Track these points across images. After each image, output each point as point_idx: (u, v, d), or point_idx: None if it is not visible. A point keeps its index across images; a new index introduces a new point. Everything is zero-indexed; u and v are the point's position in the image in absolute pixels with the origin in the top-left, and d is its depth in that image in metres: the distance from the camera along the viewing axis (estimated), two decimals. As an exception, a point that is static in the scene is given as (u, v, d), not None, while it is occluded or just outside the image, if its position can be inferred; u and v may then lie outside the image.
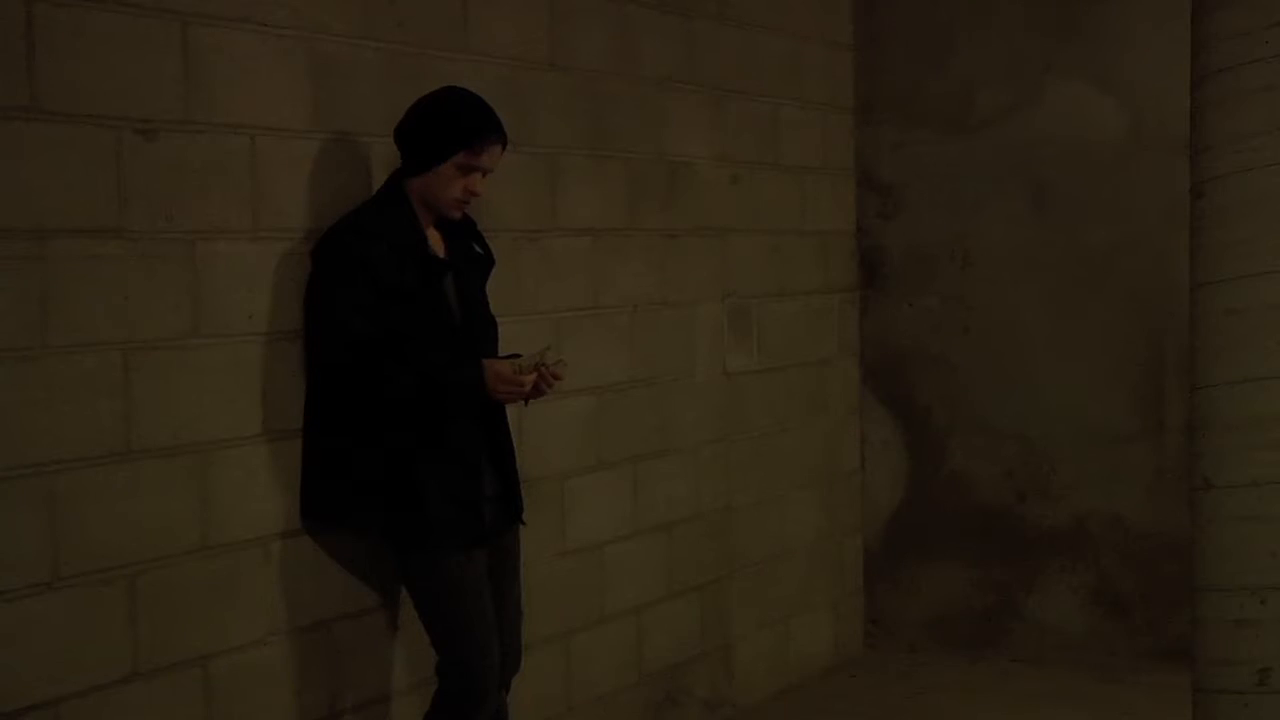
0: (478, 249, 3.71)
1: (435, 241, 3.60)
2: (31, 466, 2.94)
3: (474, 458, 3.54)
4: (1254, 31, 2.95)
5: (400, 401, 3.43)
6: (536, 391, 3.49)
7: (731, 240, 5.26)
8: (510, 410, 3.73)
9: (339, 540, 3.62)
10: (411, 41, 3.86)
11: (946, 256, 6.00)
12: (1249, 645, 2.98)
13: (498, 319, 3.76)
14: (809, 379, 5.75)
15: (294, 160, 3.52)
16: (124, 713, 3.12)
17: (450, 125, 3.49)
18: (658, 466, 4.87)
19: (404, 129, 3.54)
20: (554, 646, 4.41)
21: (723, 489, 5.22)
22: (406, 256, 3.47)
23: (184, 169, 3.25)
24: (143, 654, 3.16)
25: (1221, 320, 3.02)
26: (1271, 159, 2.94)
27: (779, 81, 5.52)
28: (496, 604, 3.63)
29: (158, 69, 3.20)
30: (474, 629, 3.52)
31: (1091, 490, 5.85)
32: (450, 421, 3.48)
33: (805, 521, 5.74)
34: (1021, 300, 5.90)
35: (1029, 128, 5.84)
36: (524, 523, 3.74)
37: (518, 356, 3.55)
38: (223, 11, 3.34)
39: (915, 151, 6.02)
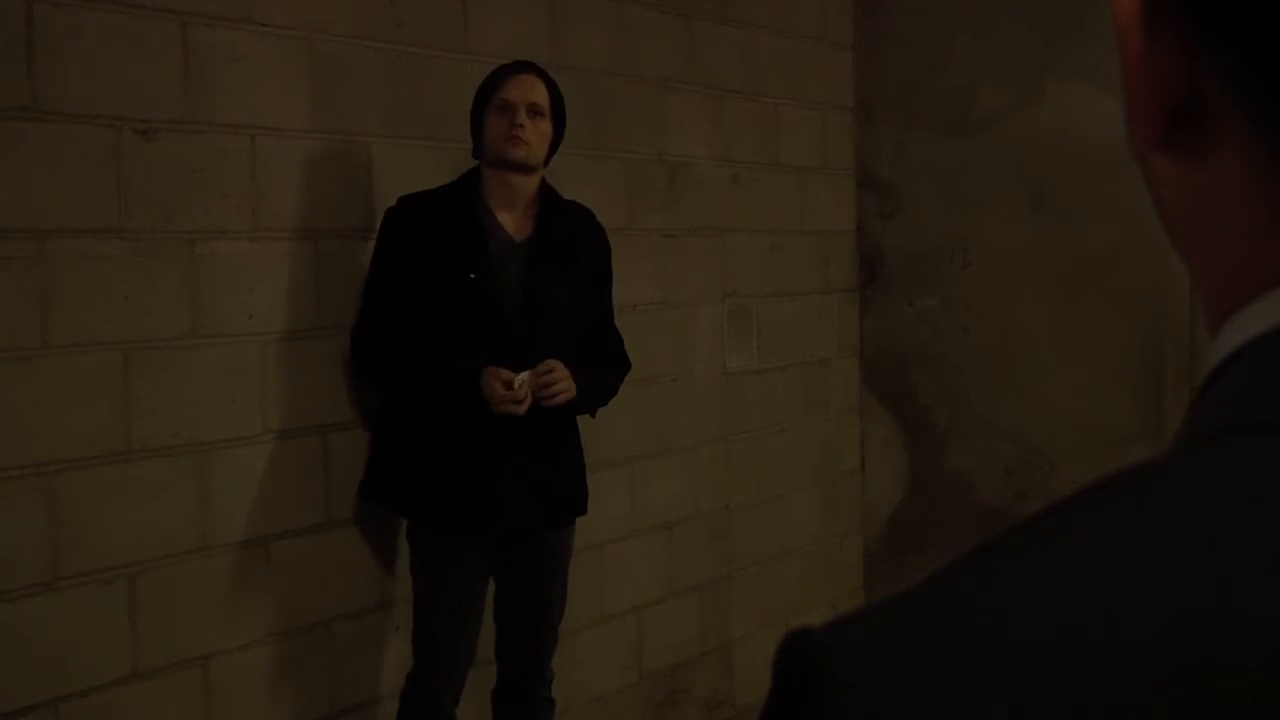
0: (580, 239, 3.68)
1: (517, 227, 3.56)
2: (32, 466, 2.94)
3: (483, 450, 3.47)
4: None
5: (398, 389, 3.50)
6: (545, 396, 3.45)
7: (731, 240, 5.25)
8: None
9: (338, 540, 3.62)
10: (411, 41, 3.86)
11: (946, 256, 5.99)
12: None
13: None
14: (809, 379, 5.74)
15: (294, 160, 3.52)
16: (124, 713, 3.12)
17: (480, 87, 3.57)
18: (657, 466, 4.87)
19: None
20: (554, 646, 4.41)
21: (723, 489, 5.22)
22: (460, 237, 3.47)
23: (184, 169, 3.25)
24: (143, 654, 3.16)
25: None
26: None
27: (779, 81, 5.51)
28: (514, 604, 3.63)
29: (158, 69, 3.20)
30: (433, 617, 3.55)
31: (1091, 490, 5.84)
32: (467, 413, 3.45)
33: (805, 521, 5.73)
34: (1021, 300, 5.89)
35: (1029, 128, 5.83)
36: (560, 526, 3.69)
37: None
38: (223, 11, 3.34)
39: (915, 151, 6.01)
